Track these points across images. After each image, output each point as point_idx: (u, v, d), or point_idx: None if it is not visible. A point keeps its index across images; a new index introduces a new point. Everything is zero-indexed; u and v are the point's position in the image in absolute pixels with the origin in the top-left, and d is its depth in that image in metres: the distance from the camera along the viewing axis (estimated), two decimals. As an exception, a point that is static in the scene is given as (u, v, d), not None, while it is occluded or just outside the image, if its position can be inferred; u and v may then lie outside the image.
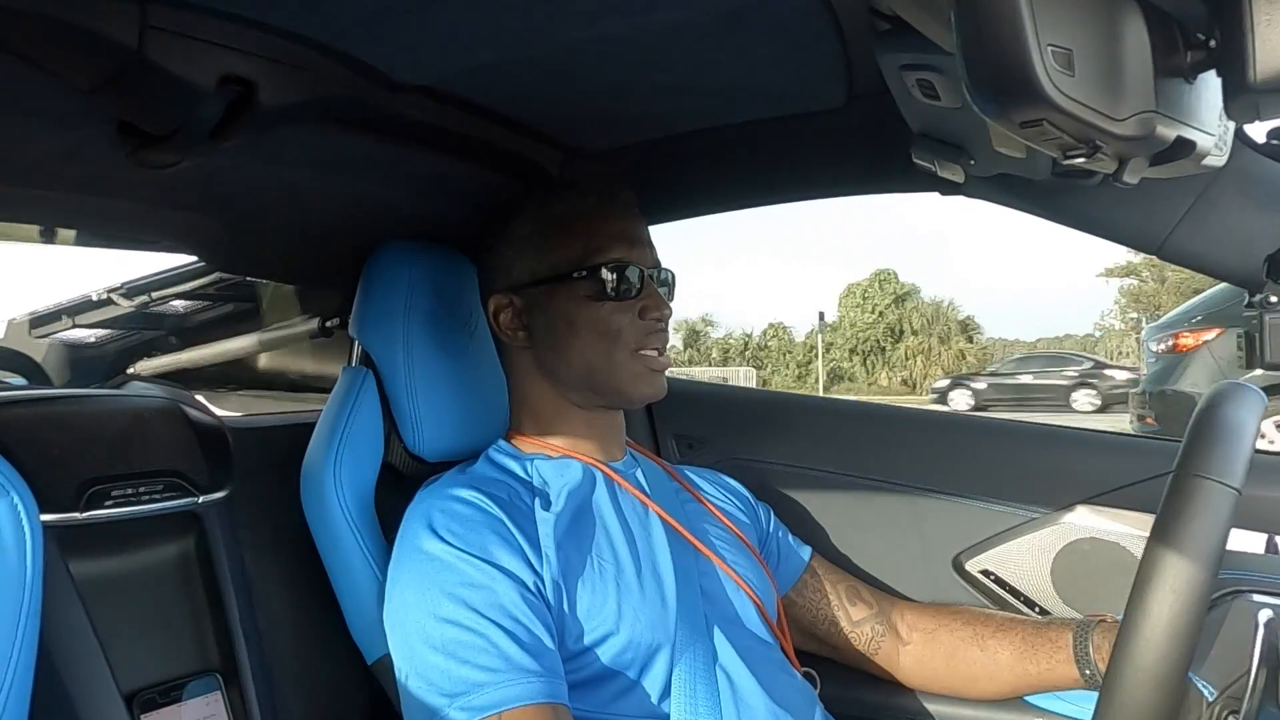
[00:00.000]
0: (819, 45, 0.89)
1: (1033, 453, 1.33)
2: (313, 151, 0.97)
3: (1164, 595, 0.72)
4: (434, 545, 0.90)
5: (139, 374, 1.71)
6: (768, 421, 1.46)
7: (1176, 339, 6.44)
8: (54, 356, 1.76)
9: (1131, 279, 28.71)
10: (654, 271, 1.06)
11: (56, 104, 0.77)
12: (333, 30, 0.79)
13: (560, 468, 1.03)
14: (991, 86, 0.50)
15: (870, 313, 40.19)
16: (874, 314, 40.00)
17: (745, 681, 0.95)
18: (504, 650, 0.84)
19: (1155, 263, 27.03)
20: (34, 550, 0.73)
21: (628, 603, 0.94)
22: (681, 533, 1.04)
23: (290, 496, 1.04)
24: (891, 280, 41.32)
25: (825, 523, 1.35)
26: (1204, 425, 0.78)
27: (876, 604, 1.20)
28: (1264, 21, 0.50)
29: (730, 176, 1.30)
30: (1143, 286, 27.73)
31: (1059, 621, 1.10)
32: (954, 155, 0.88)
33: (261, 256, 1.21)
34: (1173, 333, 6.53)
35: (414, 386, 1.07)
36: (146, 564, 0.94)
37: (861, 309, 40.69)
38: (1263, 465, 0.98)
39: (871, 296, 40.80)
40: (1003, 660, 1.10)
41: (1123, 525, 1.19)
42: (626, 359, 1.03)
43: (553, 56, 0.91)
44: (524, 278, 1.06)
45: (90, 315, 1.70)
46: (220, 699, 0.93)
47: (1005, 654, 1.10)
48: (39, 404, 0.95)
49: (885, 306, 40.11)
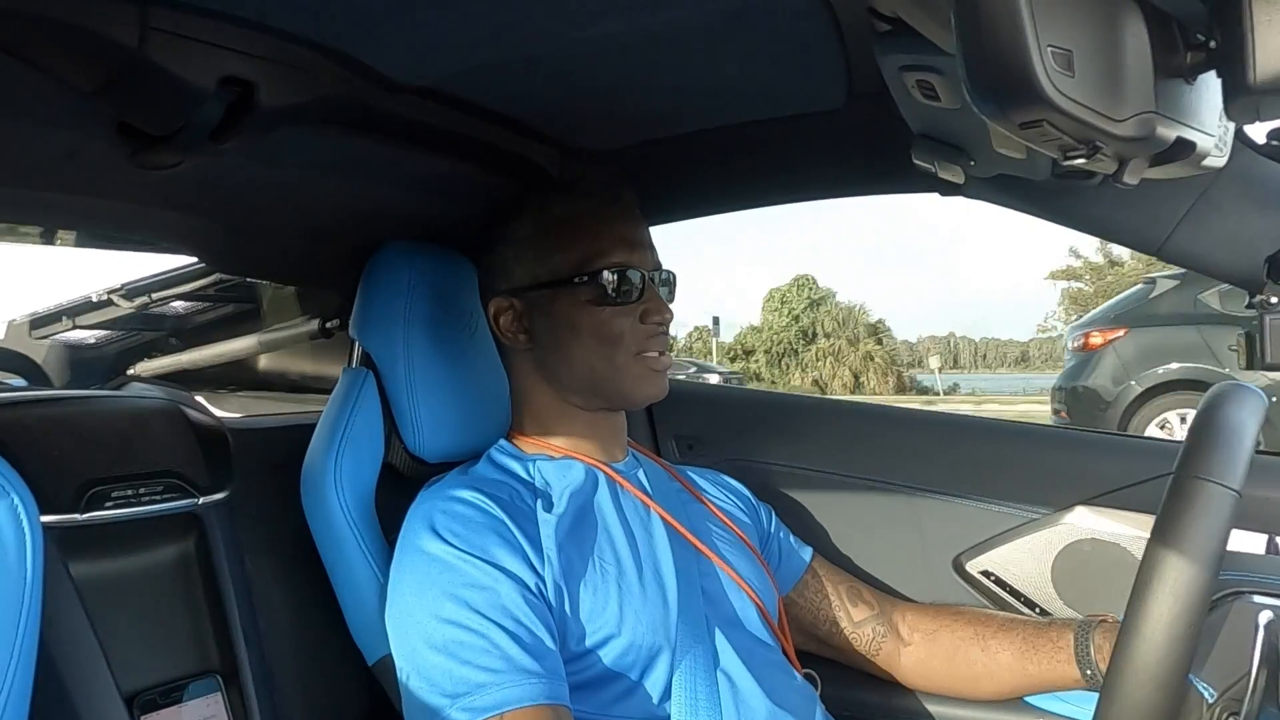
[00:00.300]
0: (819, 45, 0.89)
1: (1033, 453, 1.33)
2: (313, 152, 0.97)
3: (1164, 597, 0.72)
4: (435, 546, 0.90)
5: (139, 375, 1.70)
6: (768, 422, 1.46)
7: (1087, 338, 6.94)
8: (54, 357, 1.76)
9: (1074, 282, 28.84)
10: (655, 274, 1.06)
11: (56, 104, 0.77)
12: (333, 30, 0.79)
13: (562, 469, 1.03)
14: (991, 87, 0.50)
15: (786, 315, 41.08)
16: (789, 317, 40.90)
17: (746, 683, 0.95)
18: (505, 651, 0.84)
19: (1096, 266, 27.33)
20: (34, 551, 0.72)
21: (629, 605, 0.93)
22: (683, 533, 1.04)
23: (290, 497, 1.04)
24: (809, 285, 42.23)
25: (825, 523, 1.35)
26: (1204, 427, 0.78)
27: (878, 605, 1.20)
28: (1264, 22, 0.50)
29: (730, 177, 1.30)
30: (1083, 290, 27.80)
31: (1060, 622, 1.10)
32: (954, 156, 0.88)
33: (261, 257, 1.21)
34: (1084, 332, 7.03)
35: (414, 387, 1.07)
36: (147, 565, 0.94)
37: (779, 313, 41.60)
38: (1263, 465, 0.97)
39: (789, 300, 41.69)
40: (1004, 660, 1.10)
41: (1123, 526, 1.19)
42: (628, 362, 1.03)
43: (553, 56, 0.91)
44: (524, 281, 1.05)
45: (90, 316, 1.70)
46: (220, 700, 0.93)
47: (1006, 654, 1.10)
48: (39, 405, 0.95)
49: (801, 310, 41.04)
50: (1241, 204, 0.92)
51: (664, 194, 1.28)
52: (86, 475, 0.89)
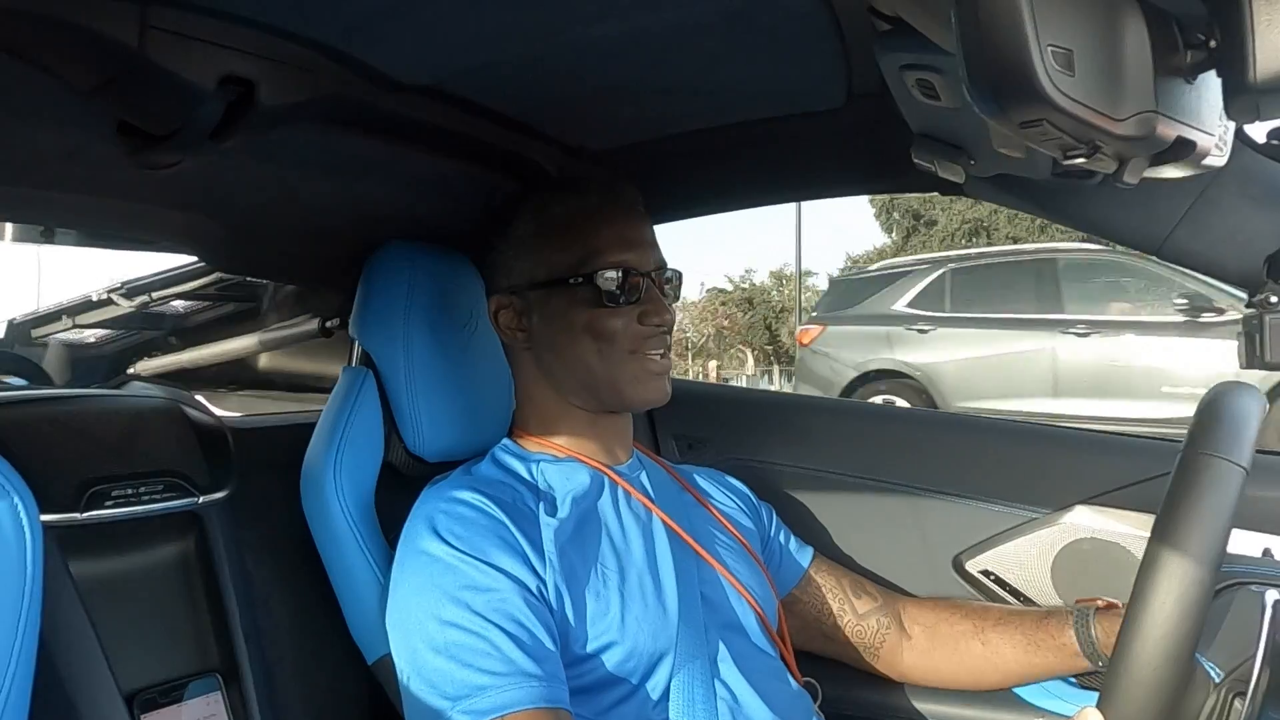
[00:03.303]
0: (819, 45, 0.89)
1: (1033, 453, 1.33)
2: (313, 152, 0.96)
3: (1174, 571, 0.72)
4: (436, 547, 0.90)
5: (139, 374, 1.71)
6: (768, 422, 1.46)
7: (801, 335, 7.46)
8: (54, 357, 1.76)
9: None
10: (656, 273, 1.04)
11: (56, 104, 0.77)
12: (333, 30, 0.79)
13: (566, 472, 1.03)
14: (991, 86, 0.50)
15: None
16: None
17: (744, 690, 0.95)
18: (506, 654, 0.84)
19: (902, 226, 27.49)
20: (34, 551, 0.72)
21: (630, 611, 0.93)
22: (685, 538, 1.04)
23: (290, 497, 1.04)
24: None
25: (825, 523, 1.35)
26: (1210, 410, 0.79)
27: (881, 598, 1.20)
28: (1264, 21, 0.50)
29: (730, 176, 1.29)
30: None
31: (1057, 612, 1.10)
32: (954, 155, 0.88)
33: (261, 256, 1.21)
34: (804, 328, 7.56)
35: (414, 387, 1.07)
36: (147, 564, 0.94)
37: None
38: (1263, 465, 0.97)
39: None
40: (1006, 654, 1.11)
41: (1123, 525, 1.19)
42: (624, 360, 1.02)
43: (553, 56, 0.91)
44: (523, 280, 1.05)
45: (90, 315, 1.70)
46: (220, 699, 0.93)
47: (1008, 648, 1.10)
48: (39, 404, 0.95)
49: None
50: (1241, 203, 0.92)
51: (664, 194, 1.28)
52: (86, 474, 0.89)
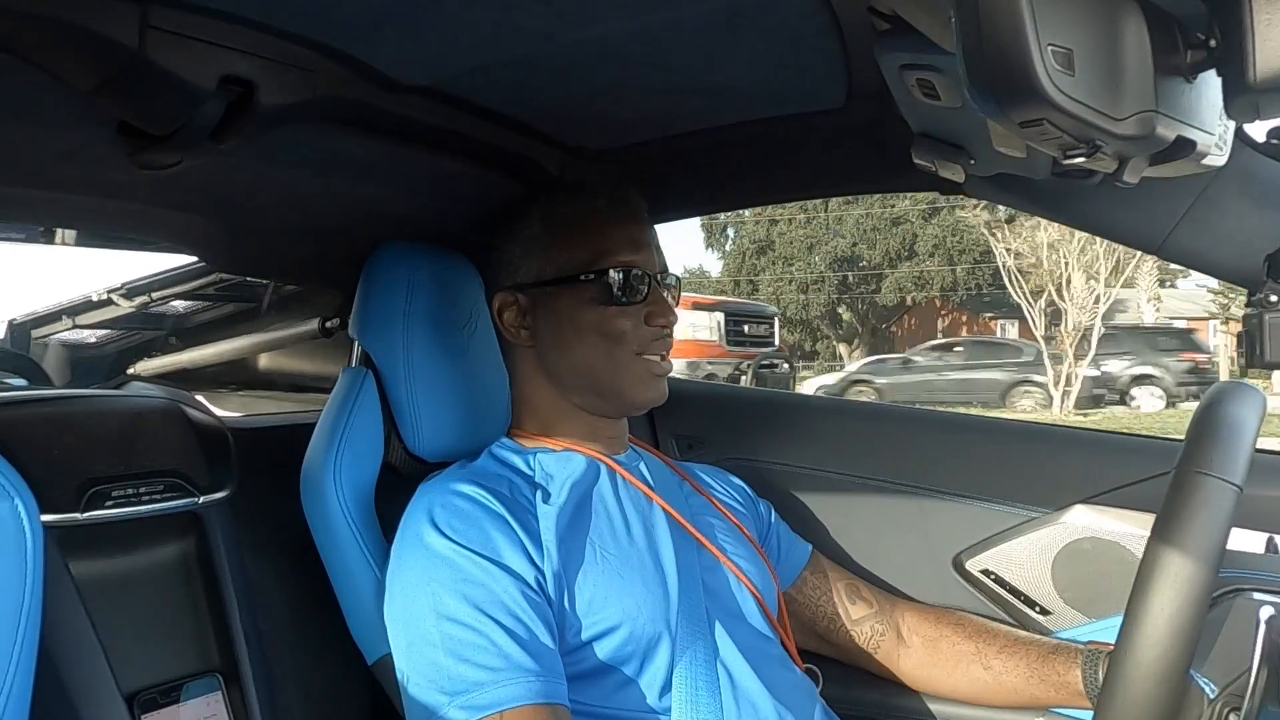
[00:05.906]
0: (819, 45, 0.89)
1: (1033, 453, 1.33)
2: (313, 152, 0.96)
3: (1165, 592, 0.72)
4: (435, 540, 0.90)
5: (139, 374, 1.70)
6: (768, 421, 1.46)
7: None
8: (54, 357, 1.76)
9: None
10: (660, 276, 1.06)
11: (56, 104, 0.77)
12: (333, 30, 0.79)
13: (563, 460, 1.03)
14: (991, 86, 0.50)
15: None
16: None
17: (746, 676, 0.95)
18: (504, 649, 0.84)
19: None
20: (35, 551, 0.72)
21: (630, 595, 0.93)
22: (684, 525, 1.04)
23: (290, 497, 1.03)
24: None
25: (825, 522, 1.35)
26: (1205, 423, 0.79)
27: (876, 603, 1.20)
28: (1264, 21, 0.50)
29: (730, 176, 1.30)
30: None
31: (1065, 647, 1.09)
32: (954, 155, 0.88)
33: (261, 256, 1.21)
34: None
35: (414, 387, 1.07)
36: (147, 564, 0.94)
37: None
38: (1263, 465, 0.97)
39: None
40: (1008, 683, 1.10)
41: (1123, 525, 1.19)
42: (629, 361, 1.03)
43: (553, 56, 0.91)
44: (529, 278, 1.06)
45: (90, 315, 1.70)
46: (220, 699, 0.93)
47: (1011, 678, 1.10)
48: (39, 404, 0.95)
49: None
50: (1241, 202, 0.92)
51: (664, 193, 1.28)
52: (87, 475, 0.89)
